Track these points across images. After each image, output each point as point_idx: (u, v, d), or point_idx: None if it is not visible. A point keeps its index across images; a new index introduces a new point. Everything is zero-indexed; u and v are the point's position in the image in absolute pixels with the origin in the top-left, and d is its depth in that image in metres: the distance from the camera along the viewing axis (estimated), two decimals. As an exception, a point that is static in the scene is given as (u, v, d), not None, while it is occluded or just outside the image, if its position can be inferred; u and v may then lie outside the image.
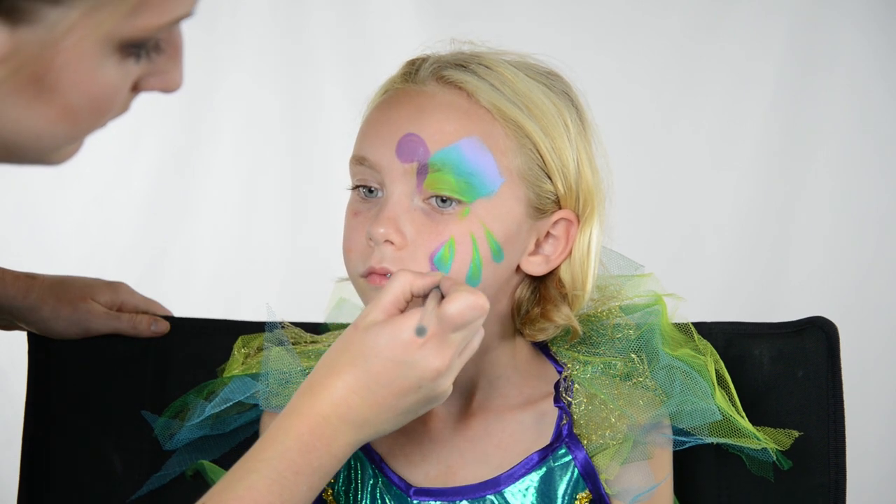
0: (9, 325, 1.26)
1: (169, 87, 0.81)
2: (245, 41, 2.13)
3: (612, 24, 2.16)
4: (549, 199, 1.04)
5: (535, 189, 1.03)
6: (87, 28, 0.71)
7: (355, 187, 1.06)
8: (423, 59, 1.06)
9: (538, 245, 1.06)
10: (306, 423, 0.90)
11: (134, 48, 0.75)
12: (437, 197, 1.00)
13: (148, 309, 1.28)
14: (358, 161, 1.04)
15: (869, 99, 2.11)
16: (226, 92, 2.13)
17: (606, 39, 2.15)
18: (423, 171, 1.00)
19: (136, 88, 0.79)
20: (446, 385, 0.94)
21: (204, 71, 2.12)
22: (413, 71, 1.05)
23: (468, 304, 0.92)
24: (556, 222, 1.05)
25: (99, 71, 0.74)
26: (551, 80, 1.07)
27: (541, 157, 1.02)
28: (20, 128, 0.73)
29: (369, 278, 1.02)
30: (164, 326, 1.27)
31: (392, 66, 1.09)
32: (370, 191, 1.04)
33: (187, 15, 0.77)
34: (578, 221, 1.06)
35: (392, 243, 1.00)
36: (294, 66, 2.14)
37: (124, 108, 0.79)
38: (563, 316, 1.07)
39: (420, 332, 0.89)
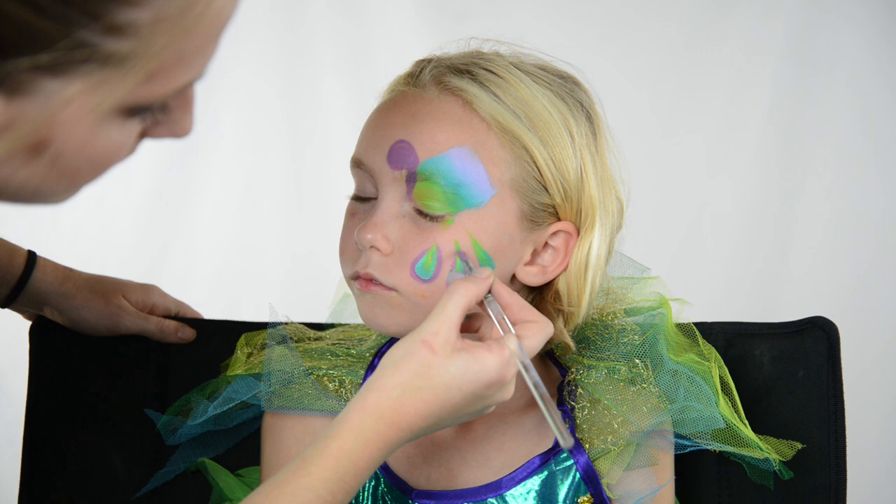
0: (35, 313, 1.26)
1: (177, 135, 0.79)
2: (245, 42, 2.12)
3: (612, 25, 2.15)
4: (544, 210, 1.02)
5: (530, 200, 1.01)
6: (91, 101, 0.67)
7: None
8: (428, 62, 1.04)
9: (535, 255, 1.04)
10: (369, 449, 0.90)
11: (138, 110, 0.72)
12: (425, 203, 0.99)
13: (179, 310, 1.29)
14: (355, 164, 1.04)
15: (868, 100, 2.11)
16: (225, 93, 2.13)
17: (606, 39, 2.15)
18: (411, 178, 0.99)
19: (142, 135, 0.77)
20: (493, 408, 0.96)
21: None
22: (416, 73, 1.04)
23: (546, 336, 0.95)
24: (554, 233, 1.03)
25: (101, 135, 0.71)
26: (566, 88, 1.05)
27: (537, 168, 1.00)
28: (16, 182, 0.71)
29: (357, 282, 1.02)
30: (190, 334, 1.27)
31: (392, 69, 1.08)
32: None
33: (199, 77, 0.74)
34: (578, 234, 1.03)
35: (378, 249, 1.00)
36: (294, 66, 2.14)
37: (130, 152, 0.77)
38: (556, 331, 1.05)
39: (569, 444, 0.91)
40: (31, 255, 1.23)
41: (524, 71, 1.03)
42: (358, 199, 1.05)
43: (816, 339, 1.22)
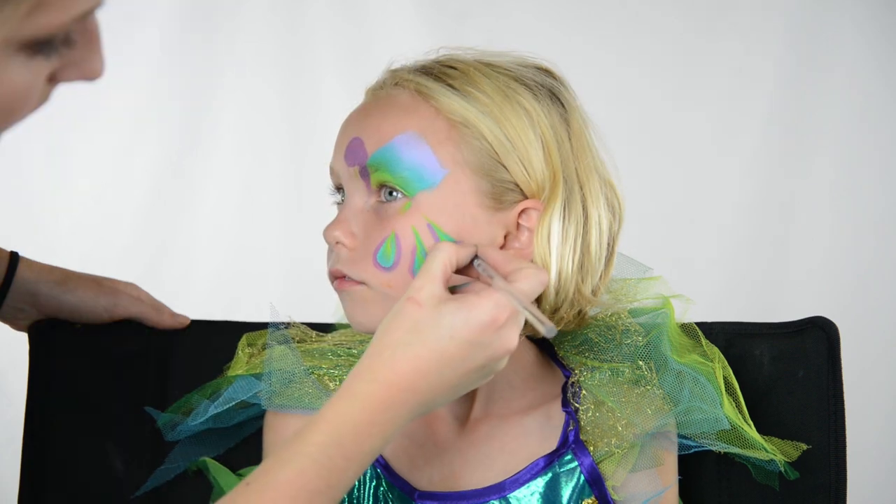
0: (27, 318, 1.25)
1: (88, 77, 0.77)
2: (244, 42, 2.12)
3: (612, 25, 2.15)
4: (508, 188, 1.01)
5: (490, 179, 1.00)
6: None
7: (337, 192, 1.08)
8: (390, 65, 1.07)
9: (511, 239, 1.02)
10: (366, 411, 0.88)
11: (40, 46, 0.71)
12: (384, 189, 1.01)
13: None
14: (329, 170, 1.07)
15: (869, 98, 2.11)
16: (226, 91, 2.13)
17: (607, 39, 2.15)
18: (364, 173, 1.02)
19: (53, 80, 0.75)
20: (505, 363, 0.94)
21: (203, 71, 2.12)
22: (380, 79, 1.07)
23: (540, 281, 0.93)
24: (524, 212, 1.02)
25: (3, 74, 0.70)
26: (531, 73, 1.04)
27: (490, 146, 1.00)
28: None
29: (335, 283, 1.03)
30: (185, 320, 1.28)
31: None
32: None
33: (97, 5, 0.73)
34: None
35: (344, 245, 1.02)
36: (293, 66, 2.14)
37: (43, 100, 0.75)
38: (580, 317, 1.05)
39: (550, 332, 0.88)
40: (14, 254, 1.23)
41: (483, 62, 1.04)
42: (338, 203, 1.07)
43: (816, 339, 1.22)
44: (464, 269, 0.97)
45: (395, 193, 1.00)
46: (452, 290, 0.95)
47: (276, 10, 2.12)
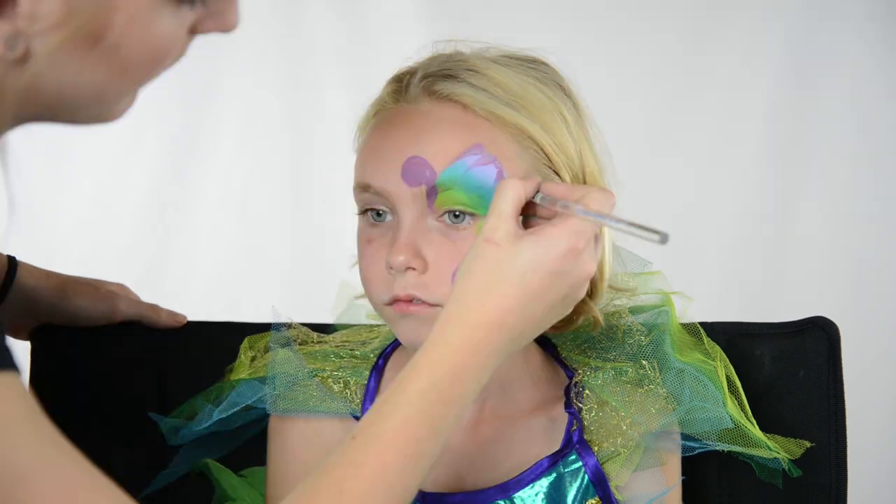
0: (27, 324, 1.25)
1: (225, 28, 0.80)
2: (245, 41, 2.12)
3: (613, 23, 2.16)
4: None
5: None
6: None
7: (364, 212, 1.03)
8: (411, 75, 1.03)
9: None
10: (459, 354, 0.88)
11: None
12: (449, 213, 0.99)
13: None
14: (363, 188, 1.02)
15: (869, 99, 2.11)
16: (226, 91, 2.13)
17: (607, 38, 2.15)
18: (432, 192, 0.98)
19: (192, 31, 0.79)
20: (585, 290, 0.94)
21: (204, 70, 2.12)
22: (402, 89, 1.03)
23: (609, 202, 0.93)
24: None
25: (155, 23, 0.74)
26: (541, 71, 1.04)
27: (545, 155, 1.00)
28: (79, 86, 0.74)
29: (395, 306, 1.00)
30: (182, 318, 1.28)
31: (392, 70, 1.07)
32: (378, 214, 1.02)
33: None
34: None
35: (414, 269, 0.99)
36: (294, 67, 2.14)
37: (182, 52, 0.79)
38: (588, 307, 1.04)
39: (664, 238, 0.87)
40: (12, 259, 1.22)
41: (501, 63, 1.03)
42: (371, 223, 1.03)
43: (817, 339, 1.22)
44: (526, 206, 0.96)
45: (462, 215, 0.99)
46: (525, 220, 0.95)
47: (276, 11, 2.12)
